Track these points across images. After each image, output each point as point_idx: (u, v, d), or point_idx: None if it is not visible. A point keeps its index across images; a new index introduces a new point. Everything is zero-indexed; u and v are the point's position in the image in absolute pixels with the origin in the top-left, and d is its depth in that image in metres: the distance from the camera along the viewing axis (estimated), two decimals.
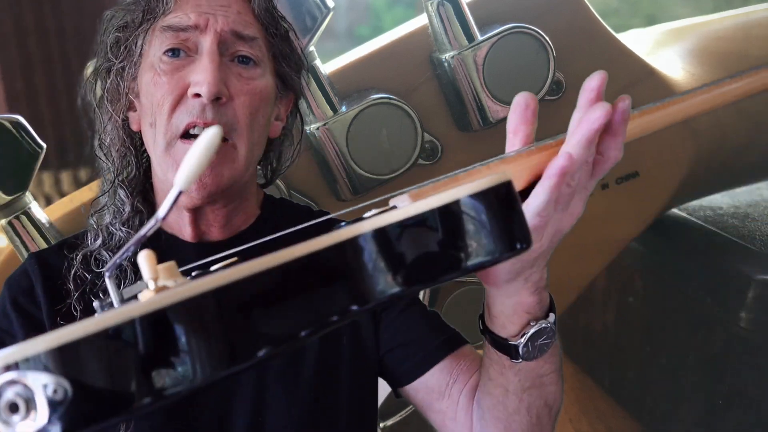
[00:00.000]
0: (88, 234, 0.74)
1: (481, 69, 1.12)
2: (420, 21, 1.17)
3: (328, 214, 0.84)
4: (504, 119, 1.14)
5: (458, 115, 1.18)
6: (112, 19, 0.72)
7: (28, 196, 1.01)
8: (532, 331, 0.57)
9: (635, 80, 1.25)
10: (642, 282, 1.69)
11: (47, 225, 1.03)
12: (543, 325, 0.58)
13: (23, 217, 1.01)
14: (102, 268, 0.70)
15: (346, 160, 1.10)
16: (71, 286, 0.69)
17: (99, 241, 0.72)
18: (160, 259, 0.66)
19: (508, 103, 1.12)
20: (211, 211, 0.72)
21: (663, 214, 1.49)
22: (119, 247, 0.70)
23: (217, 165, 0.66)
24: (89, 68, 0.99)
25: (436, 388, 0.72)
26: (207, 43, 0.66)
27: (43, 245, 1.01)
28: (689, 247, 1.57)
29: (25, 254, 1.02)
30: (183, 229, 0.73)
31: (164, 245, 0.73)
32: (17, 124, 0.97)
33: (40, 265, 0.73)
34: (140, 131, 0.73)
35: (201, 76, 0.64)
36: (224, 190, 0.68)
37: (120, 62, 0.71)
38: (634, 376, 1.75)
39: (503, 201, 0.36)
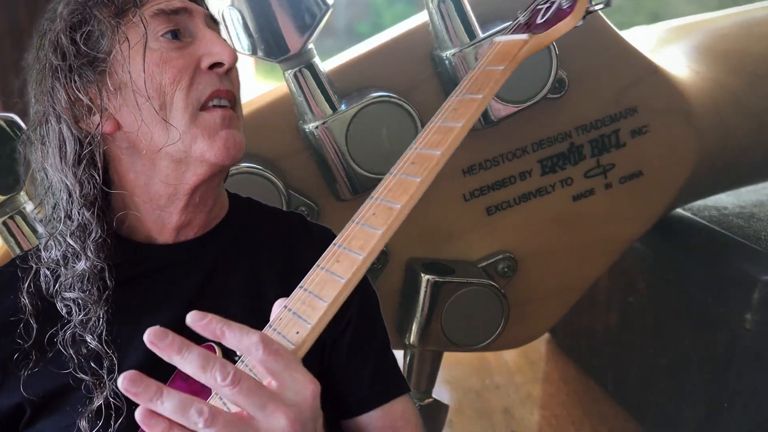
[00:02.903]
0: (47, 249, 0.70)
1: None
2: (420, 18, 1.16)
3: (297, 213, 0.84)
4: (506, 117, 1.15)
5: None
6: (57, 20, 0.68)
7: (23, 196, 1.01)
8: None
9: (639, 78, 1.24)
10: (645, 283, 1.68)
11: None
12: None
13: (18, 217, 1.00)
14: (67, 304, 0.67)
15: (345, 159, 1.09)
16: (28, 305, 0.67)
17: (58, 258, 0.68)
18: (132, 271, 0.68)
19: (511, 102, 1.14)
20: (209, 189, 0.72)
21: (667, 214, 1.48)
22: (82, 279, 0.66)
23: (236, 130, 0.69)
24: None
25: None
26: (200, 22, 0.70)
27: None
28: (693, 247, 1.56)
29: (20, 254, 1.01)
30: (165, 224, 0.71)
31: (128, 255, 0.70)
32: (12, 123, 0.96)
33: None
34: (111, 132, 0.68)
35: (217, 48, 0.68)
36: (237, 160, 0.70)
37: (81, 64, 0.67)
38: (637, 377, 1.74)
39: None
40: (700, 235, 1.55)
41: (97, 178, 0.68)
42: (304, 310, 0.55)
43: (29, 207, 1.01)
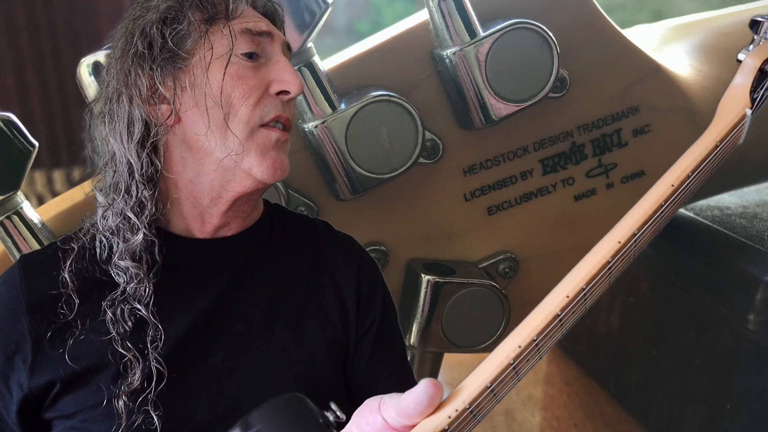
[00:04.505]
0: (93, 241, 0.75)
1: (483, 66, 1.10)
2: (421, 16, 1.15)
3: (323, 221, 0.89)
4: (507, 117, 1.14)
5: (460, 112, 1.16)
6: (156, 11, 0.73)
7: (20, 196, 1.00)
8: None
9: (641, 77, 1.23)
10: (647, 283, 1.67)
11: (39, 225, 1.02)
12: None
13: (15, 217, 1.00)
14: (112, 269, 0.72)
15: (345, 158, 1.09)
16: (69, 282, 0.71)
17: (115, 247, 0.73)
18: (169, 260, 0.73)
19: (512, 101, 1.13)
20: (249, 200, 0.77)
21: None
22: (132, 253, 0.71)
23: (285, 154, 0.75)
24: (82, 65, 0.98)
25: None
26: (277, 48, 0.76)
27: (35, 246, 0.99)
28: (696, 247, 1.55)
29: (17, 255, 1.01)
30: (205, 222, 0.76)
31: (171, 246, 0.74)
32: (8, 122, 0.96)
33: (26, 265, 0.75)
34: (171, 124, 0.73)
35: (288, 76, 0.74)
36: (279, 180, 0.75)
37: (160, 53, 0.71)
38: (639, 379, 1.73)
39: None
40: (702, 236, 1.54)
41: (159, 163, 0.73)
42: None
43: (26, 206, 1.01)
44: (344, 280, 0.82)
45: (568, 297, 0.58)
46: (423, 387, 0.56)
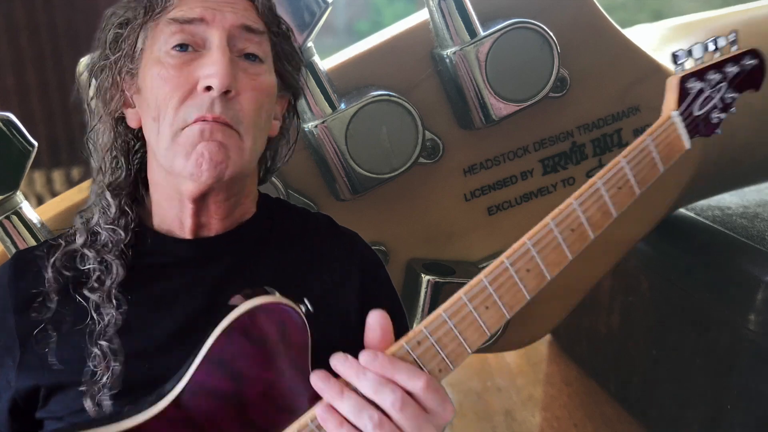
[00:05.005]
0: (77, 232, 0.74)
1: (483, 65, 1.10)
2: (421, 16, 1.15)
3: (325, 215, 0.86)
4: (507, 116, 1.14)
5: (460, 112, 1.16)
6: (112, 16, 0.72)
7: (19, 196, 1.00)
8: None
9: (642, 77, 1.23)
10: (648, 283, 1.67)
11: (39, 225, 1.01)
12: None
13: (14, 217, 0.99)
14: (86, 265, 0.71)
15: (345, 158, 1.09)
16: (51, 280, 0.71)
17: (82, 240, 0.73)
18: (153, 260, 0.72)
19: (512, 101, 1.13)
20: (214, 202, 0.72)
21: (670, 215, 1.47)
22: (104, 246, 0.71)
23: (228, 149, 0.67)
24: (81, 65, 0.97)
25: None
26: (215, 37, 0.67)
27: None
28: (697, 247, 1.55)
29: None
30: (183, 223, 0.73)
31: (152, 245, 0.73)
32: (8, 122, 0.96)
33: (16, 263, 0.75)
34: (139, 127, 0.73)
35: (212, 69, 0.65)
36: (231, 177, 0.68)
37: (118, 58, 0.71)
38: (639, 379, 1.73)
39: None
40: (703, 236, 1.54)
41: (126, 166, 0.74)
42: (450, 349, 0.62)
43: (25, 206, 1.01)
44: (346, 277, 0.78)
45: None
46: (372, 316, 0.62)
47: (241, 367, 0.62)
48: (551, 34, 1.12)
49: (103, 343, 0.67)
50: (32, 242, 1.00)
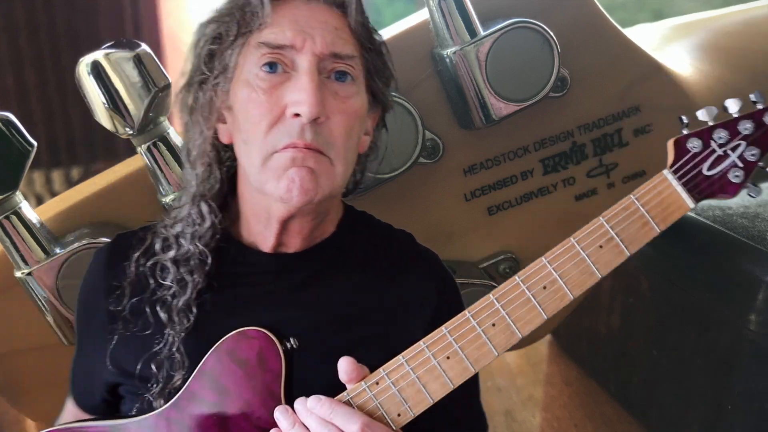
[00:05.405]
0: (157, 239, 0.75)
1: (483, 65, 1.10)
2: (421, 16, 1.15)
3: (407, 233, 0.86)
4: (507, 116, 1.14)
5: (460, 112, 1.16)
6: (206, 29, 0.72)
7: (19, 196, 1.00)
8: None
9: (642, 76, 1.23)
10: (648, 283, 1.67)
11: (38, 225, 1.01)
12: None
13: (13, 217, 1.00)
14: (164, 279, 0.73)
15: None
16: (132, 275, 0.74)
17: (171, 253, 0.74)
18: (233, 269, 0.75)
19: (512, 100, 1.13)
20: (299, 222, 0.73)
21: None
22: (186, 260, 0.73)
23: (318, 175, 0.67)
24: (82, 64, 0.97)
25: None
26: (305, 62, 0.67)
27: (34, 246, 1.00)
28: (697, 247, 1.54)
29: (16, 255, 1.01)
30: (266, 239, 0.74)
31: (235, 255, 0.75)
32: (7, 122, 0.96)
33: (113, 248, 0.78)
34: (230, 143, 0.73)
35: (301, 96, 0.65)
36: (320, 202, 0.69)
37: (215, 77, 0.71)
38: (639, 379, 1.73)
39: None
40: (703, 235, 1.53)
41: (220, 176, 0.74)
42: (409, 395, 0.65)
43: (25, 206, 1.01)
44: (422, 297, 0.78)
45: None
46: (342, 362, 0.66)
47: (225, 383, 0.67)
48: (551, 33, 1.12)
49: (162, 355, 0.71)
50: (31, 242, 1.00)
